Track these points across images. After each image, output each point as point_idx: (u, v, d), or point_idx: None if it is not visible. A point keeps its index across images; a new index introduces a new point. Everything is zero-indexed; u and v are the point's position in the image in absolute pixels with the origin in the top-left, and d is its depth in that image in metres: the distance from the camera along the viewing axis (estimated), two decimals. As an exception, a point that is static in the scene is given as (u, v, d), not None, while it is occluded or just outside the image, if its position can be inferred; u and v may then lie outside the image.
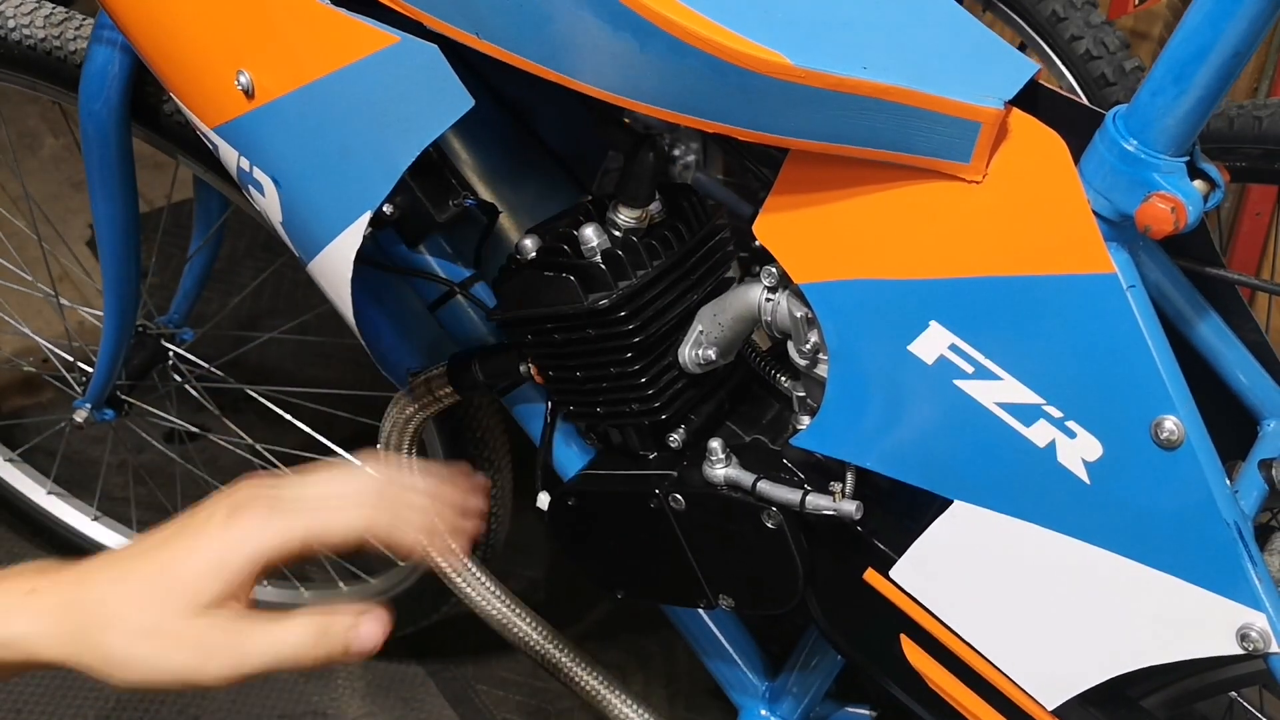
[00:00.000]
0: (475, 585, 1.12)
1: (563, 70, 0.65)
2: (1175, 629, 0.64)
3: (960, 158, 0.61)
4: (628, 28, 0.61)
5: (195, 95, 0.78)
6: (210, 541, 0.58)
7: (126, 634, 0.58)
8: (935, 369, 0.66)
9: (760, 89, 0.60)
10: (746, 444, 0.81)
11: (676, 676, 1.38)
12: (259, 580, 0.59)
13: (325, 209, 0.74)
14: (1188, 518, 0.62)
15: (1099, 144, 0.60)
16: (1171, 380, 0.60)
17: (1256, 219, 1.60)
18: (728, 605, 0.84)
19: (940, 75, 0.60)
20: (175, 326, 1.36)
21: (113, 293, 1.16)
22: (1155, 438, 0.61)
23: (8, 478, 1.52)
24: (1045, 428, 0.64)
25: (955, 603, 0.73)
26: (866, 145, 0.62)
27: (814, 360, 0.74)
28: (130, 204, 1.10)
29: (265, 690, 1.41)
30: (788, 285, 0.73)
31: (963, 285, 0.64)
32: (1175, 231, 0.58)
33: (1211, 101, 0.56)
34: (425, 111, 0.67)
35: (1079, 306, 0.61)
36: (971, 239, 0.63)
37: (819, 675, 0.98)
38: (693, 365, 0.79)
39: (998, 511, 0.67)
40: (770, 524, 0.77)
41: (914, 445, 0.69)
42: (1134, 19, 1.64)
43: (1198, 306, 0.70)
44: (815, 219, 0.68)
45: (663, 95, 0.64)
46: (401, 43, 0.66)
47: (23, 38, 1.07)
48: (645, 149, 0.76)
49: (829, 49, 0.60)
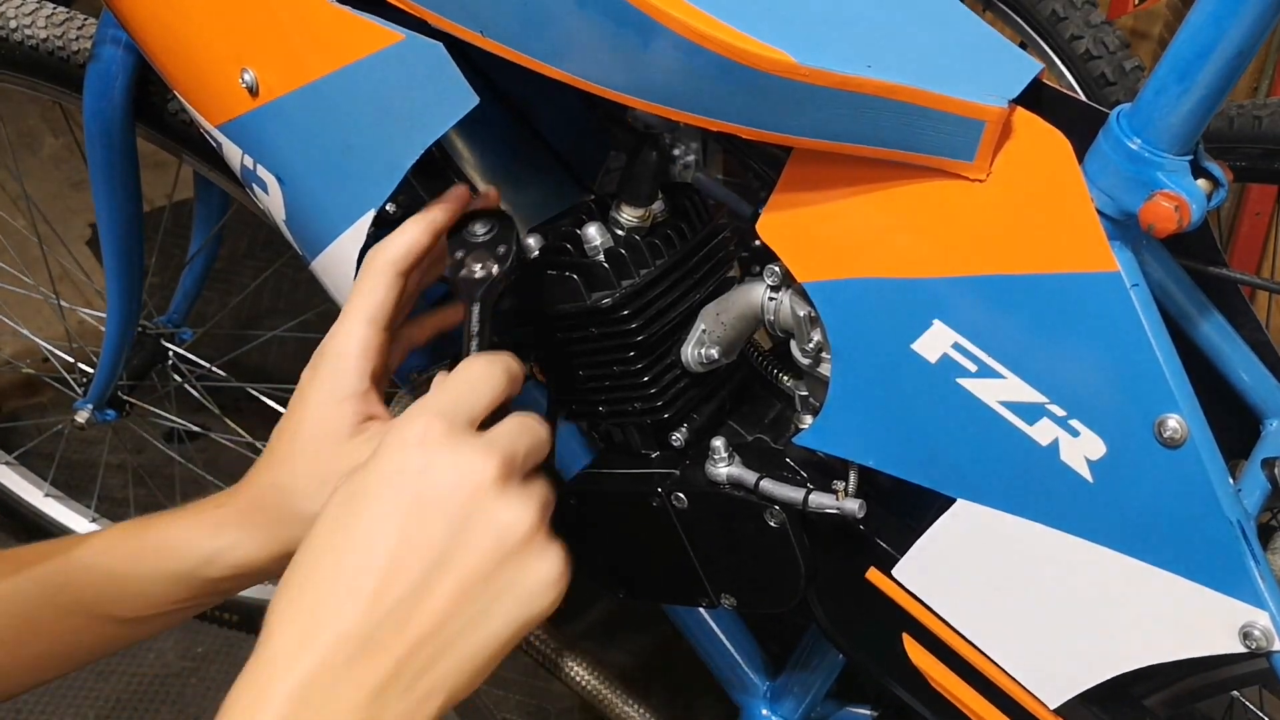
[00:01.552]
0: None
1: (567, 68, 0.65)
2: (1178, 627, 0.64)
3: (964, 156, 0.61)
4: (632, 25, 0.61)
5: (199, 93, 0.78)
6: (313, 377, 0.64)
7: (310, 495, 0.61)
8: (938, 367, 0.66)
9: (765, 87, 0.61)
10: (749, 443, 0.81)
11: (676, 676, 1.39)
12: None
13: (329, 207, 0.74)
14: (1191, 516, 0.62)
15: (1103, 142, 0.60)
16: (1175, 379, 0.60)
17: (1256, 219, 1.61)
18: (729, 604, 0.84)
19: (944, 74, 0.60)
20: (175, 326, 1.36)
21: (115, 292, 1.16)
22: (1158, 436, 0.61)
23: (5, 481, 1.52)
24: (1048, 426, 0.64)
25: (957, 601, 0.73)
26: (870, 144, 0.62)
27: (817, 359, 0.74)
28: (134, 203, 1.10)
29: (265, 690, 1.41)
30: (790, 284, 0.73)
31: (966, 284, 0.64)
32: (1179, 230, 0.58)
33: (1215, 100, 0.56)
34: (429, 109, 0.67)
35: (1082, 305, 0.61)
36: (975, 237, 0.63)
37: (820, 674, 0.99)
38: (695, 364, 0.80)
39: (1000, 510, 0.67)
40: (773, 522, 0.77)
41: (917, 444, 0.69)
42: (1134, 18, 1.65)
43: (1200, 305, 0.70)
44: (819, 218, 0.68)
45: (667, 93, 0.64)
46: (406, 40, 0.66)
47: (25, 38, 1.07)
48: (648, 148, 0.77)
49: (834, 48, 0.60)
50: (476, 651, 0.49)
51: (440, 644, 0.48)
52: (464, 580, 0.49)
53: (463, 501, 0.50)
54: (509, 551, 0.50)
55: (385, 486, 0.50)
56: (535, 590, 0.50)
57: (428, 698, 0.48)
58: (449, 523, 0.49)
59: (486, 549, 0.50)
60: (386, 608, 0.48)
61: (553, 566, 0.51)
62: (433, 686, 0.48)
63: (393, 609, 0.48)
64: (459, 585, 0.49)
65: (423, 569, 0.49)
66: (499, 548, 0.50)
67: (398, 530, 0.49)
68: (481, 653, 0.49)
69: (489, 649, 0.50)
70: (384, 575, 0.48)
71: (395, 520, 0.49)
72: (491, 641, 0.49)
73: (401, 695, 0.47)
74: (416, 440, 0.51)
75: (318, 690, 0.46)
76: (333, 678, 0.46)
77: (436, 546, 0.49)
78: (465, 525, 0.50)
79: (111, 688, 1.40)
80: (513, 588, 0.50)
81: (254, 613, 1.48)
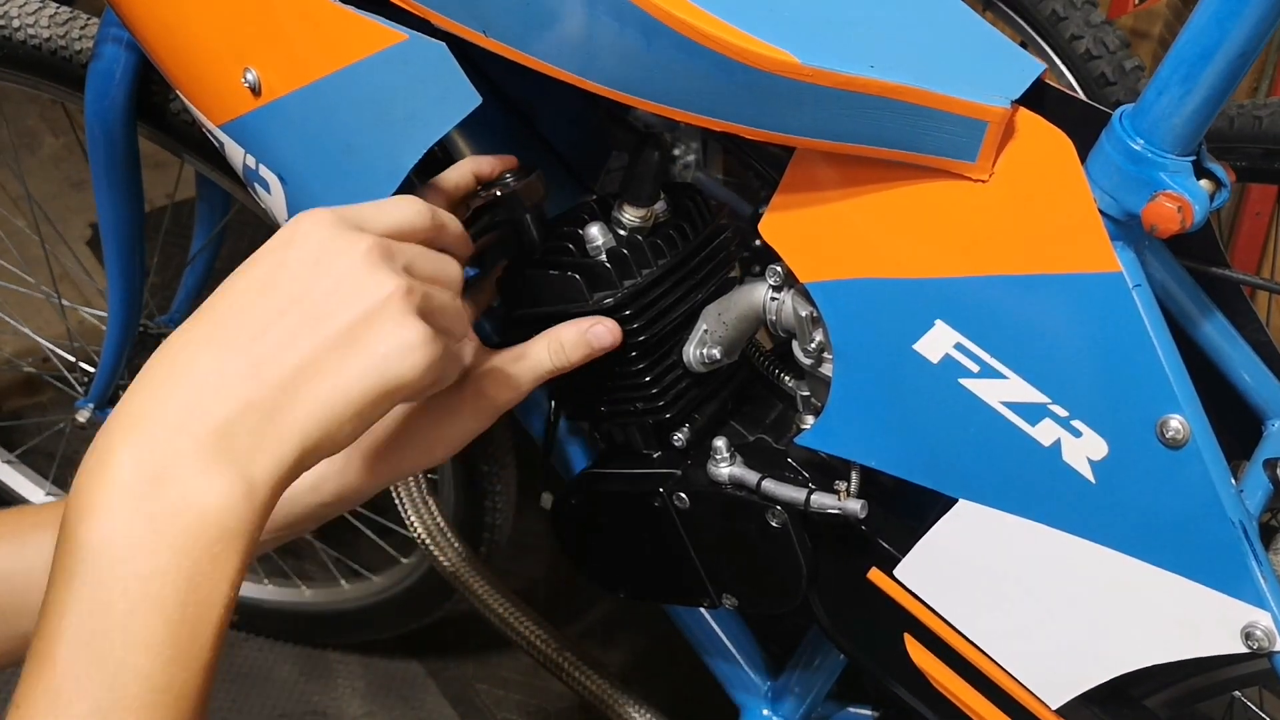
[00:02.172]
0: (476, 584, 1.12)
1: (570, 68, 0.65)
2: (1180, 628, 0.64)
3: (966, 156, 0.61)
4: (635, 26, 0.61)
5: (202, 93, 0.78)
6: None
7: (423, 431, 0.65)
8: (940, 368, 0.66)
9: (768, 88, 0.61)
10: (750, 443, 0.81)
11: (677, 676, 1.39)
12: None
13: (331, 206, 0.74)
14: (1193, 517, 0.62)
15: (1105, 143, 0.60)
16: (1177, 379, 0.61)
17: (1256, 219, 1.61)
18: (731, 604, 0.84)
19: (947, 74, 0.60)
20: (176, 325, 1.36)
21: (117, 292, 1.16)
22: (1161, 437, 0.61)
23: (6, 479, 1.52)
24: (1050, 427, 0.64)
25: (960, 601, 0.73)
26: (872, 144, 0.62)
27: (819, 359, 0.74)
28: (135, 203, 1.10)
29: (265, 690, 1.41)
30: (793, 284, 0.74)
31: (968, 284, 0.64)
32: (1181, 230, 0.58)
33: (1218, 101, 0.56)
34: (432, 109, 0.67)
35: (1085, 305, 0.61)
36: (977, 238, 0.63)
37: (821, 675, 0.99)
38: (697, 364, 0.80)
39: (1002, 510, 0.68)
40: (775, 523, 0.77)
41: (919, 444, 0.69)
42: (1134, 18, 1.65)
43: (1202, 306, 0.70)
44: (821, 218, 0.68)
45: (670, 93, 0.64)
46: (409, 40, 0.66)
47: (27, 38, 1.07)
48: (650, 148, 0.77)
49: (836, 48, 0.60)
50: (327, 401, 0.50)
51: (290, 388, 0.50)
52: (315, 329, 0.51)
53: (325, 262, 0.52)
54: (367, 311, 0.52)
55: (258, 254, 0.53)
56: (390, 353, 0.52)
57: (278, 442, 0.49)
58: (307, 278, 0.52)
59: (342, 304, 0.52)
60: (237, 350, 0.50)
61: (412, 335, 0.52)
62: (283, 432, 0.50)
63: (242, 351, 0.50)
64: (310, 333, 0.51)
65: (274, 316, 0.51)
66: (355, 305, 0.52)
67: (259, 282, 0.52)
68: (332, 404, 0.51)
69: (341, 402, 0.51)
70: (235, 323, 0.51)
71: (258, 274, 0.52)
72: (343, 394, 0.51)
73: (250, 434, 0.49)
74: (299, 220, 0.54)
75: (162, 428, 0.48)
76: (182, 415, 0.48)
77: (292, 297, 0.51)
78: (323, 281, 0.52)
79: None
80: (368, 347, 0.52)
81: (254, 614, 1.48)
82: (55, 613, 0.46)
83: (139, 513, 0.46)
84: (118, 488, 0.46)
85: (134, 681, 0.45)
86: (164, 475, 0.47)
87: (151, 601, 0.45)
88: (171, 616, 0.46)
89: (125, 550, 0.46)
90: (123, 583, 0.45)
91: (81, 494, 0.47)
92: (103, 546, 0.46)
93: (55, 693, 0.45)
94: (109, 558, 0.46)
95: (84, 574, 0.46)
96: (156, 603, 0.46)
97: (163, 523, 0.46)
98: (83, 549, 0.46)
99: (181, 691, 0.46)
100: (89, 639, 0.45)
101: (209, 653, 0.47)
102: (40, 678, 0.45)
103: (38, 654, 0.46)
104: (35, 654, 0.46)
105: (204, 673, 0.47)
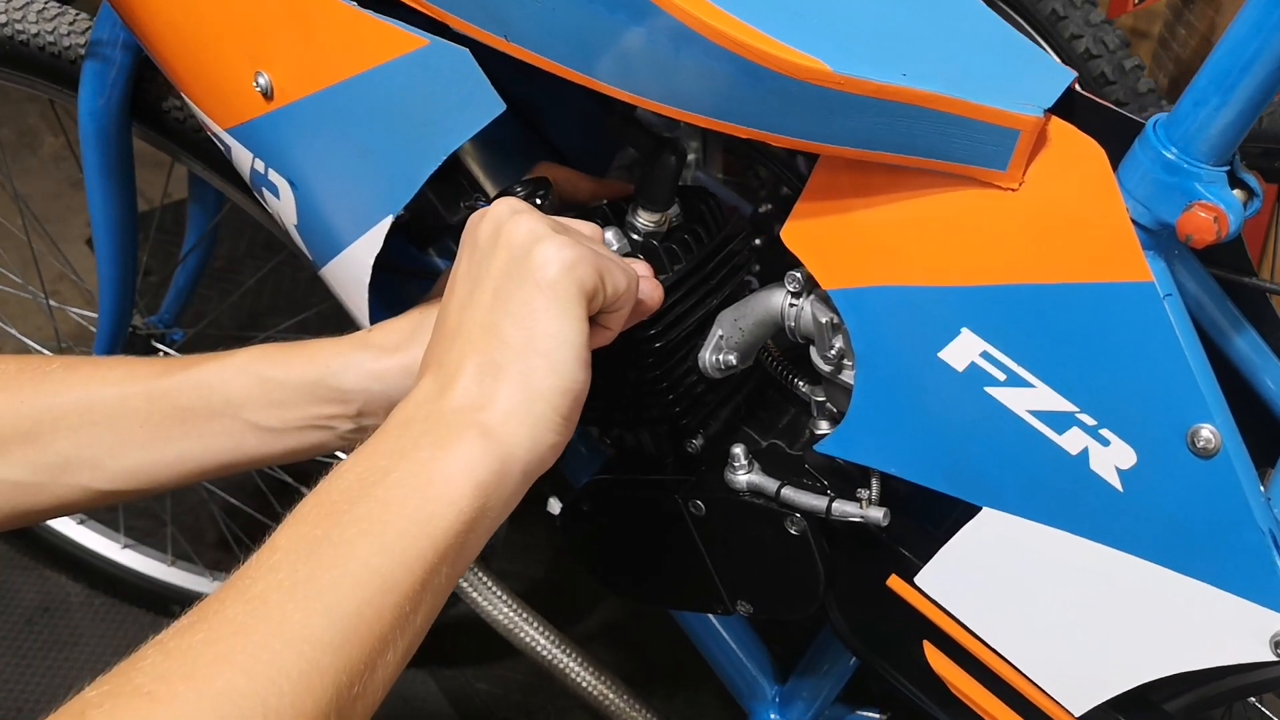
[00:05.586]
0: (477, 585, 1.11)
1: (592, 74, 0.64)
2: (1207, 635, 0.64)
3: (997, 165, 0.61)
4: (662, 31, 0.60)
5: (209, 96, 0.76)
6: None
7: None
8: (966, 376, 0.66)
9: (797, 95, 0.60)
10: (764, 449, 0.81)
11: (679, 678, 1.38)
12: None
13: (345, 213, 0.73)
14: (1222, 525, 0.62)
15: (1139, 152, 0.59)
16: (1208, 389, 0.60)
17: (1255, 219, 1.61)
18: (745, 611, 0.84)
19: (979, 82, 0.60)
20: (165, 327, 1.34)
21: (108, 293, 1.14)
22: (1191, 446, 0.61)
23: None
24: (1078, 435, 0.64)
25: (982, 609, 0.72)
26: (902, 152, 0.62)
27: (838, 366, 0.73)
28: (129, 204, 1.09)
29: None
30: (812, 290, 0.73)
31: (996, 293, 0.64)
32: (1217, 241, 0.57)
33: (1255, 112, 0.55)
34: (454, 115, 0.66)
35: (1115, 315, 0.61)
36: (1005, 246, 0.63)
37: (830, 679, 0.98)
38: (713, 370, 0.79)
39: (1027, 518, 0.67)
40: (794, 530, 0.77)
41: (942, 452, 0.69)
42: (1133, 18, 1.65)
43: (1227, 313, 0.70)
44: (845, 225, 0.67)
45: (696, 100, 0.63)
46: (431, 45, 0.65)
47: (14, 33, 1.05)
48: (667, 152, 0.76)
49: (867, 55, 0.60)
50: (517, 321, 0.59)
51: (488, 327, 0.60)
52: (493, 283, 0.61)
53: (500, 236, 0.62)
54: (517, 253, 0.61)
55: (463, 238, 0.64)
56: (539, 264, 0.60)
57: (504, 377, 0.59)
58: (492, 251, 0.61)
59: (503, 257, 0.61)
60: (453, 326, 0.61)
61: (550, 246, 0.60)
62: (500, 368, 0.59)
63: (456, 325, 0.61)
64: (491, 287, 0.61)
65: (470, 289, 0.62)
66: (510, 254, 0.61)
67: (464, 269, 0.63)
68: (520, 321, 0.59)
69: (525, 317, 0.59)
70: (453, 306, 0.62)
71: (463, 263, 0.63)
72: (525, 309, 0.60)
73: (486, 373, 0.59)
74: (497, 208, 0.63)
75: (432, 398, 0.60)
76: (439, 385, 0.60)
77: (478, 269, 0.62)
78: (499, 248, 0.61)
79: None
80: (525, 273, 0.60)
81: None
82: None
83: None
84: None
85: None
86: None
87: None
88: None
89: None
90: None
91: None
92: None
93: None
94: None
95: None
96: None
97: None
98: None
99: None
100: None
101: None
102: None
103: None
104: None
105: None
